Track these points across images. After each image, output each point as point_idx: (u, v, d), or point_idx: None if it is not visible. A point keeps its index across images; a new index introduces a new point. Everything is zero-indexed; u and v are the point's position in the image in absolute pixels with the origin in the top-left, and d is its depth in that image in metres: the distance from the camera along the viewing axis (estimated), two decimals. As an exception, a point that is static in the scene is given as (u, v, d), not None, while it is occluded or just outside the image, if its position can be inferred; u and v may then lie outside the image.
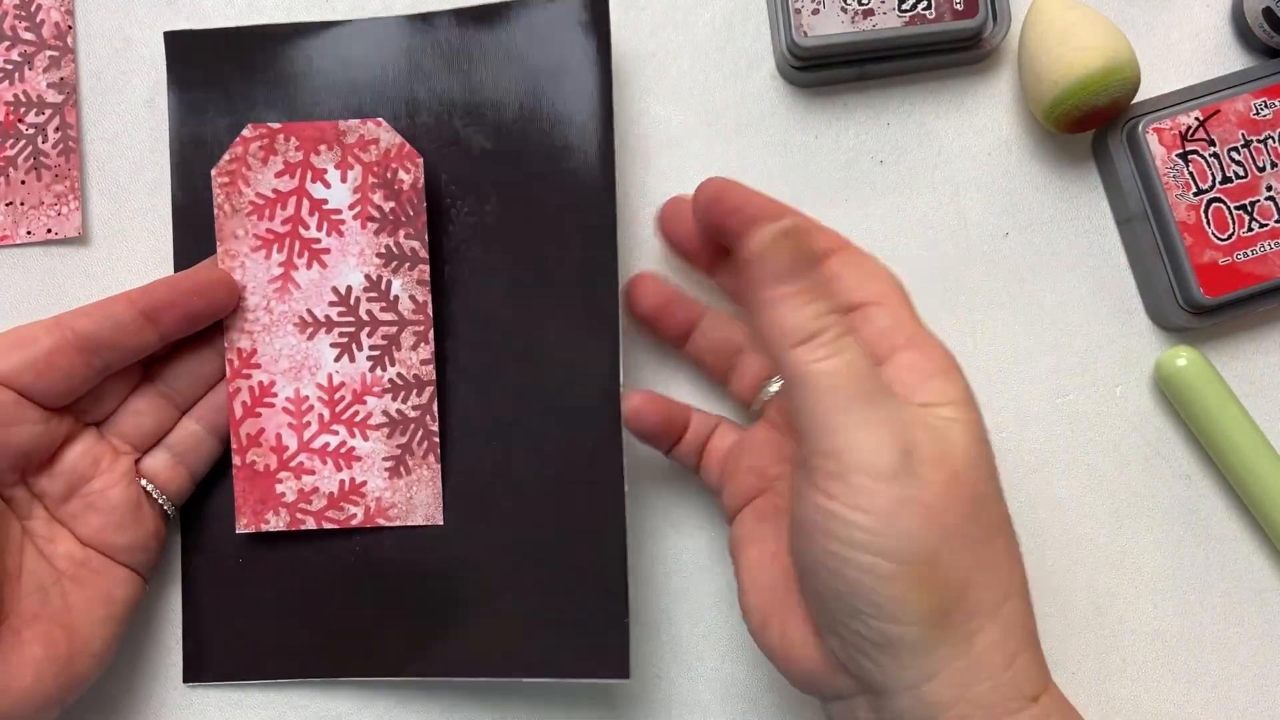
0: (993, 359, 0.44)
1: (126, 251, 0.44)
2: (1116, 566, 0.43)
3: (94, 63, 0.44)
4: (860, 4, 0.42)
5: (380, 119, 0.40)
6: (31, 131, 0.43)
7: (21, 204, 0.43)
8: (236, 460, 0.40)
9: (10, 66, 0.44)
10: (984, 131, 0.45)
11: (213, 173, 0.40)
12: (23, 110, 0.43)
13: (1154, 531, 0.43)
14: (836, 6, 0.42)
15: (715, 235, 0.36)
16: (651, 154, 0.44)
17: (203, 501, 0.42)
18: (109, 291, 0.43)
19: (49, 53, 0.44)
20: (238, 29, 0.42)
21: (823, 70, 0.43)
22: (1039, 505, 0.43)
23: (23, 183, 0.43)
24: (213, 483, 0.42)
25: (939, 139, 0.45)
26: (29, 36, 0.44)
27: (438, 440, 0.41)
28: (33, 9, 0.44)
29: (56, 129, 0.43)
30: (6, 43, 0.44)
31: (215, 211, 0.40)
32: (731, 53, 0.45)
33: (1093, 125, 0.42)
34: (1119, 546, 0.43)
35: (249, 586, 0.42)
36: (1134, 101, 0.43)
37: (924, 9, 0.42)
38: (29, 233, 0.43)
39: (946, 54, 0.44)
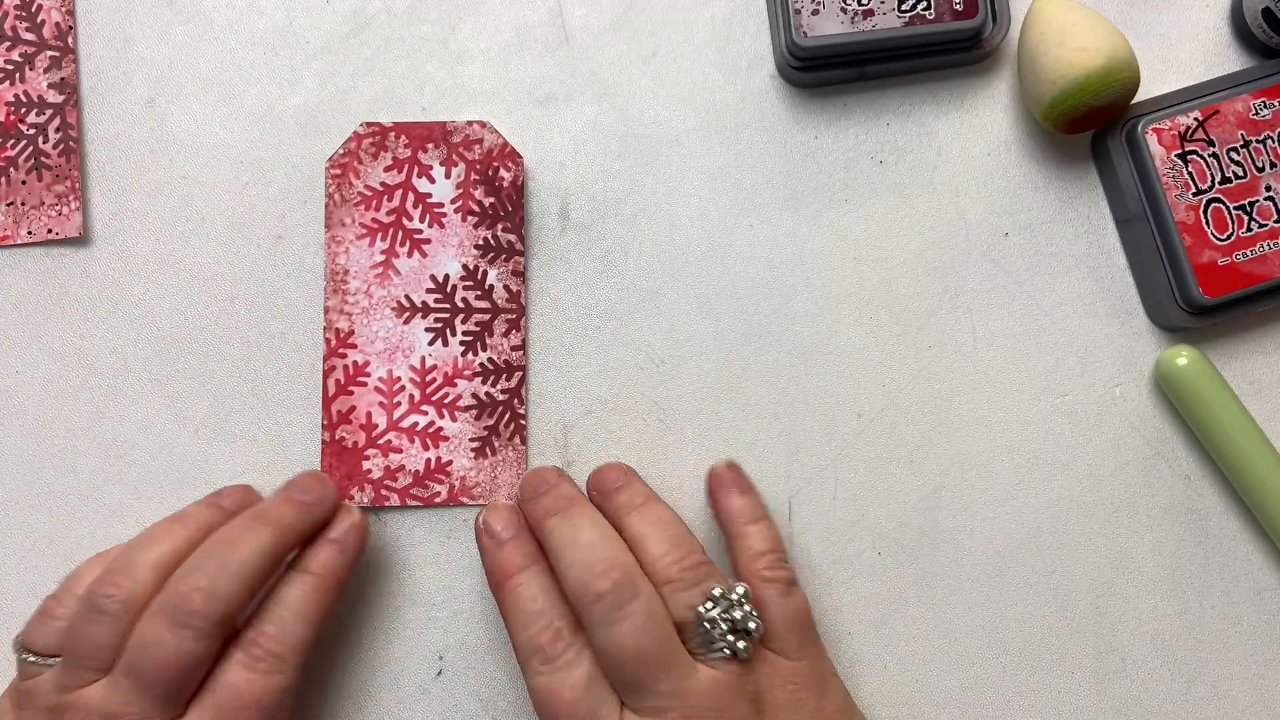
0: (993, 359, 0.44)
1: (127, 252, 0.44)
2: (1116, 566, 0.43)
3: (94, 63, 0.44)
4: (860, 4, 0.42)
5: (486, 121, 0.43)
6: (32, 132, 0.43)
7: (22, 204, 0.43)
8: (325, 436, 0.42)
9: (11, 67, 0.44)
10: (984, 131, 0.45)
11: (326, 164, 0.43)
12: (23, 111, 0.43)
13: (1154, 531, 0.43)
14: (836, 7, 0.42)
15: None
16: (651, 154, 0.44)
17: None
18: (110, 292, 0.43)
19: (49, 53, 0.44)
20: None
21: (823, 70, 0.43)
22: (1039, 505, 0.43)
23: (23, 183, 0.43)
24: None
25: (939, 139, 0.45)
26: (30, 37, 0.44)
27: (525, 423, 0.42)
28: (33, 9, 0.44)
29: (57, 129, 0.44)
30: (7, 43, 0.44)
31: (325, 200, 0.43)
32: (731, 53, 0.45)
33: (1092, 125, 0.42)
34: (1119, 546, 0.43)
35: None
36: (1133, 102, 0.43)
37: (924, 9, 0.42)
38: (29, 233, 0.43)
39: (946, 54, 0.44)
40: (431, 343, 0.43)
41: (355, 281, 0.43)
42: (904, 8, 0.42)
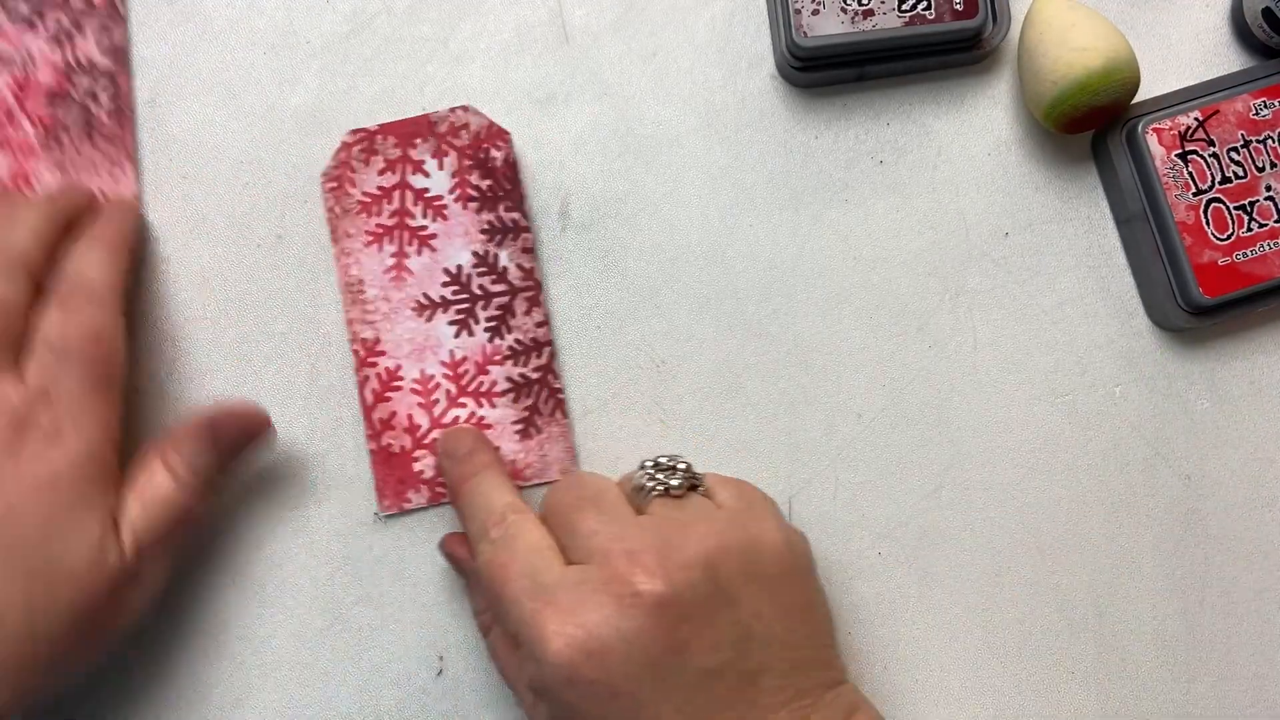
0: (993, 359, 0.44)
1: (127, 251, 0.44)
2: (1116, 566, 0.43)
3: (94, 63, 0.44)
4: (860, 4, 0.42)
5: (467, 104, 0.43)
6: (84, 95, 0.43)
7: (72, 167, 0.43)
8: (371, 445, 0.42)
9: (60, 31, 0.43)
10: (984, 131, 0.45)
11: (320, 179, 0.42)
12: (74, 75, 0.43)
13: (1154, 531, 0.43)
14: (836, 6, 0.42)
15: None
16: (651, 154, 0.44)
17: None
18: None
19: (100, 19, 0.44)
20: None
21: (823, 70, 0.44)
22: (1039, 505, 0.43)
23: (78, 151, 0.43)
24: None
25: (939, 139, 0.45)
26: (79, 4, 0.43)
27: (563, 396, 0.43)
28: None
29: (110, 94, 0.43)
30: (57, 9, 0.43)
31: (326, 214, 0.43)
32: (731, 53, 0.45)
33: (1092, 125, 0.42)
34: (1119, 546, 0.43)
35: None
36: (1133, 102, 0.43)
37: (924, 9, 0.42)
38: None
39: (946, 54, 0.44)
40: (457, 335, 0.43)
41: (372, 289, 0.43)
42: (904, 8, 0.42)
